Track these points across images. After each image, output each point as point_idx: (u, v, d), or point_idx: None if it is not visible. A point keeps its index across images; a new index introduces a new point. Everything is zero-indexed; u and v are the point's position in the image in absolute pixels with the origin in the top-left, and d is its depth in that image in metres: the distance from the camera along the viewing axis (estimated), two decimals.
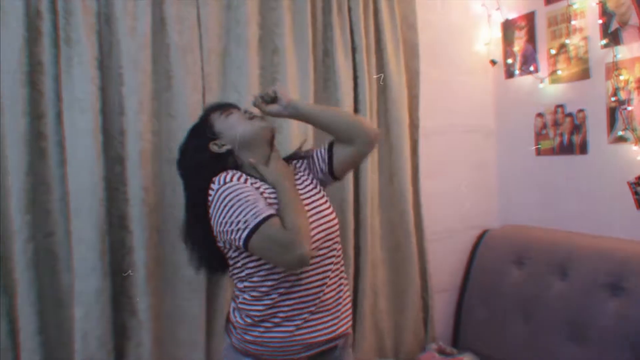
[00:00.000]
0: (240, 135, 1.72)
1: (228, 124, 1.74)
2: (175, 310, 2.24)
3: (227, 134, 1.73)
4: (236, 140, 1.72)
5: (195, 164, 1.73)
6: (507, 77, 2.92)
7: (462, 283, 2.85)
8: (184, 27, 2.23)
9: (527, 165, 2.83)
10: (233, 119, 1.75)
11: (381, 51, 2.60)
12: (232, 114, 1.77)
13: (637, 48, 2.26)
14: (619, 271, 2.13)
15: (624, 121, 2.31)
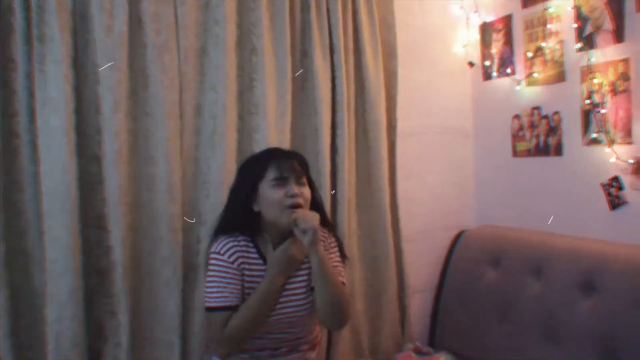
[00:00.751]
0: (272, 217, 1.86)
1: (268, 198, 1.85)
2: (152, 310, 2.22)
3: (263, 204, 1.86)
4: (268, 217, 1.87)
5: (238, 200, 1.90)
6: (484, 79, 2.95)
7: (439, 283, 2.86)
8: (161, 26, 2.21)
9: (504, 166, 2.85)
10: (275, 198, 1.84)
11: (359, 52, 2.60)
12: (280, 189, 1.84)
13: (611, 52, 2.29)
14: (593, 271, 2.15)
15: (598, 124, 2.34)
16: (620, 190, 2.27)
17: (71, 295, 2.03)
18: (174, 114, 2.24)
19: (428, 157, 2.92)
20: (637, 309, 1.96)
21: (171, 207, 2.22)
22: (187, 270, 2.28)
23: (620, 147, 2.26)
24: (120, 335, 2.13)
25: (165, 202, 2.21)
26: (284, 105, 2.41)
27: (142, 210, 2.21)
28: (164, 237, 2.21)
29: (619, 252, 2.13)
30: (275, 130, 2.38)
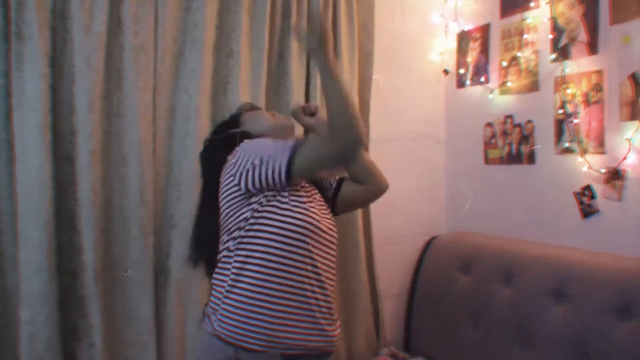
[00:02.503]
0: (260, 126, 1.73)
1: (253, 116, 1.77)
2: (125, 312, 2.21)
3: (250, 123, 1.75)
4: (258, 129, 1.71)
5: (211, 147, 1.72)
6: (458, 87, 2.98)
7: (411, 288, 2.88)
8: (141, 28, 2.20)
9: (476, 173, 2.89)
10: (259, 113, 1.80)
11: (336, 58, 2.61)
12: (259, 110, 1.85)
13: (585, 63, 2.34)
14: (563, 278, 2.18)
15: (571, 133, 2.39)
16: (592, 199, 2.32)
17: (45, 296, 2.01)
18: (147, 116, 2.23)
19: (401, 163, 2.93)
20: (607, 316, 1.99)
21: (143, 209, 2.20)
22: (158, 273, 2.26)
23: (593, 156, 2.30)
24: (93, 337, 2.11)
25: (137, 204, 2.20)
26: None
27: (113, 212, 2.20)
28: (135, 239, 2.20)
29: (589, 260, 2.17)
30: None
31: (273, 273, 1.52)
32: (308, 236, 1.56)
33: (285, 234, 1.53)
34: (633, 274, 2.00)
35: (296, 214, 1.55)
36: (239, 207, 1.57)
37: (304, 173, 1.57)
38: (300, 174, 1.55)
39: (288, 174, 1.51)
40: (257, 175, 1.53)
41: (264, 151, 1.54)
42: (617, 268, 2.06)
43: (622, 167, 2.19)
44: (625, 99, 2.18)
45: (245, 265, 1.53)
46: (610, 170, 2.23)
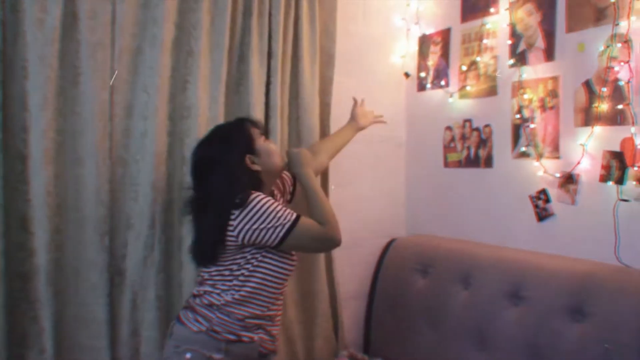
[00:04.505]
0: (275, 165, 2.07)
1: (269, 149, 2.06)
2: (79, 316, 2.15)
3: (265, 159, 2.02)
4: (270, 168, 2.04)
5: (231, 170, 1.94)
6: (419, 90, 3.00)
7: (370, 290, 2.89)
8: (97, 24, 2.14)
9: (435, 176, 2.91)
10: (273, 148, 2.09)
11: (297, 59, 2.60)
12: (271, 143, 2.13)
13: (541, 69, 2.38)
14: (519, 281, 2.22)
15: (527, 138, 2.43)
16: (547, 202, 2.36)
17: None
18: (104, 114, 2.17)
19: (361, 166, 2.94)
20: (560, 317, 2.03)
21: (98, 210, 2.15)
22: (114, 275, 2.21)
23: (548, 161, 2.34)
24: (44, 342, 2.04)
25: (92, 205, 2.14)
26: (217, 109, 2.37)
27: (68, 213, 2.14)
28: (91, 240, 2.15)
29: (544, 263, 2.21)
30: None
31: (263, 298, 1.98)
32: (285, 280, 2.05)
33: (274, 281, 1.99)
34: (585, 277, 2.05)
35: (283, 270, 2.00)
36: (232, 252, 1.93)
37: (291, 249, 1.99)
38: (289, 249, 1.98)
39: (280, 244, 1.91)
40: (255, 238, 1.89)
41: (267, 218, 1.88)
42: (570, 270, 2.11)
43: (576, 172, 2.24)
44: (580, 105, 2.23)
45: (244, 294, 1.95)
46: (565, 175, 2.28)
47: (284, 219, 1.90)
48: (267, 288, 1.97)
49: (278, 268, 1.98)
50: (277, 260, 1.97)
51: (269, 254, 1.95)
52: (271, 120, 2.51)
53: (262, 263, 1.95)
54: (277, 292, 2.01)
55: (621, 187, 2.08)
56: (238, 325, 1.93)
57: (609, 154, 2.12)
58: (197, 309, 1.96)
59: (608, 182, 2.12)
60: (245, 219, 1.87)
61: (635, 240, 2.06)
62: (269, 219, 1.88)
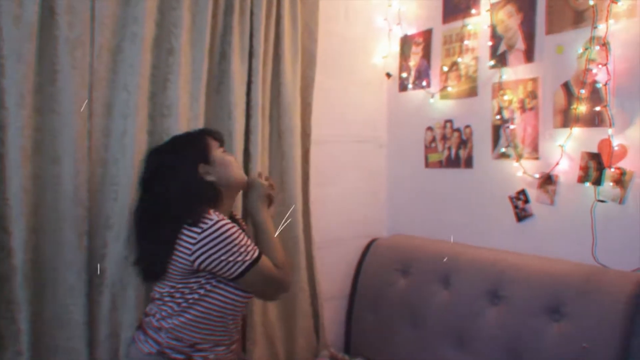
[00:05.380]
0: (233, 177, 2.00)
1: (225, 160, 1.99)
2: (56, 317, 2.11)
3: (220, 170, 1.95)
4: (227, 179, 1.96)
5: (183, 179, 1.89)
6: (400, 91, 3.02)
7: (351, 290, 2.89)
8: (76, 20, 2.10)
9: (416, 176, 2.93)
10: (230, 159, 2.02)
11: (278, 58, 2.59)
12: (230, 155, 2.06)
13: (521, 71, 2.41)
14: (498, 280, 2.24)
15: (507, 139, 2.45)
16: (526, 203, 2.38)
17: None
18: (83, 113, 2.13)
19: (342, 165, 2.94)
20: (539, 316, 2.05)
21: (77, 209, 2.11)
22: (92, 275, 2.18)
23: (528, 162, 2.37)
24: (21, 344, 1.99)
25: (70, 204, 2.10)
26: (197, 108, 2.36)
27: (45, 212, 2.09)
28: (69, 240, 2.11)
29: (522, 263, 2.23)
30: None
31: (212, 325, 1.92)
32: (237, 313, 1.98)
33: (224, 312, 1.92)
34: (563, 277, 2.07)
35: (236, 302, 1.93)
36: (184, 274, 1.85)
37: (248, 287, 1.91)
38: (245, 287, 1.90)
39: (237, 279, 1.85)
40: (212, 267, 1.82)
41: (229, 250, 1.81)
42: (549, 270, 2.13)
43: (555, 173, 2.27)
44: (558, 106, 2.25)
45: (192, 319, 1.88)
46: (543, 176, 2.30)
47: (245, 254, 1.84)
48: (217, 316, 1.90)
49: (231, 300, 1.91)
50: (231, 292, 1.90)
51: (223, 283, 1.89)
52: (252, 120, 2.50)
53: (215, 289, 1.88)
54: (229, 321, 1.95)
55: (598, 188, 2.11)
56: (188, 347, 1.90)
57: (587, 155, 2.15)
58: (148, 331, 1.93)
59: (586, 183, 2.15)
60: (206, 245, 1.80)
61: (611, 241, 2.09)
62: (231, 251, 1.81)
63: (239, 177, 2.03)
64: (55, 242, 2.10)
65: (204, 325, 1.89)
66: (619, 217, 2.06)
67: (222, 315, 1.91)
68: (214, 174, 1.94)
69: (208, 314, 1.89)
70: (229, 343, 1.99)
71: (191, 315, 1.87)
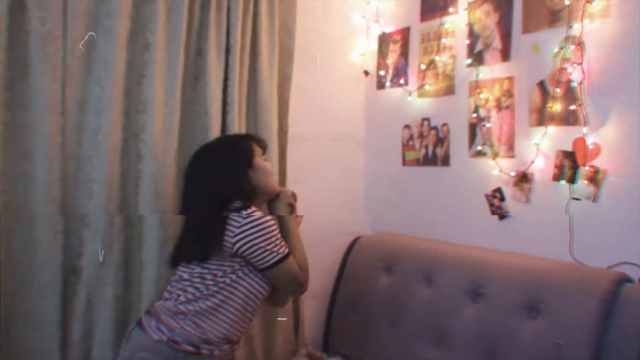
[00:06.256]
0: (270, 185, 2.16)
1: (267, 168, 2.14)
2: (29, 317, 2.08)
3: (260, 176, 2.10)
4: (264, 186, 2.12)
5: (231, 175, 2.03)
6: (378, 88, 3.01)
7: (334, 289, 2.88)
8: (47, 14, 2.06)
9: (394, 174, 2.93)
10: (270, 168, 2.17)
11: (255, 54, 2.56)
12: (269, 163, 2.19)
13: (498, 69, 2.42)
14: (479, 278, 2.25)
15: (483, 137, 2.46)
16: (502, 201, 2.40)
17: None
18: (55, 108, 2.10)
19: (320, 163, 2.93)
20: (517, 314, 2.07)
21: (50, 207, 2.08)
22: (67, 275, 2.14)
23: (503, 160, 2.38)
24: None
25: (43, 202, 2.07)
26: (173, 104, 2.33)
27: (17, 210, 2.06)
28: (42, 239, 2.08)
29: (502, 261, 2.24)
30: (163, 130, 2.30)
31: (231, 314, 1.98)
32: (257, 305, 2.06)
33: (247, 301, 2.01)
34: (540, 274, 2.09)
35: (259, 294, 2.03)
36: (223, 256, 1.95)
37: (269, 279, 2.02)
38: (268, 277, 2.01)
39: (267, 269, 1.97)
40: (248, 252, 1.93)
41: (267, 240, 1.95)
42: (526, 268, 2.15)
43: (530, 171, 2.28)
44: (534, 105, 2.27)
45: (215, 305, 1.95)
46: (519, 174, 2.32)
47: (279, 248, 1.98)
48: (239, 307, 1.98)
49: (255, 292, 2.01)
50: (258, 283, 2.01)
51: (254, 272, 1.99)
52: (228, 116, 2.47)
53: (246, 277, 1.98)
54: (246, 317, 2.02)
55: (573, 186, 2.13)
56: (199, 338, 1.92)
57: (561, 153, 2.17)
58: (162, 317, 1.94)
59: (561, 181, 2.17)
60: (247, 231, 1.93)
61: (586, 238, 2.11)
62: (267, 241, 1.95)
63: (274, 185, 2.20)
64: (27, 240, 2.07)
65: (225, 314, 1.95)
66: (593, 215, 2.09)
67: (243, 307, 1.99)
68: (254, 179, 2.08)
69: (232, 303, 1.96)
70: (236, 341, 2.04)
71: (217, 300, 1.94)
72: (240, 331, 2.02)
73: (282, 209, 2.19)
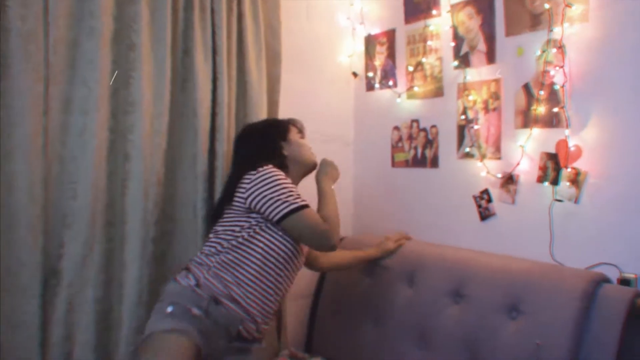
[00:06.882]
0: (304, 156, 2.27)
1: (300, 142, 2.29)
2: (8, 320, 2.06)
3: (294, 148, 2.25)
4: (298, 156, 2.25)
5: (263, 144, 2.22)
6: (367, 90, 3.02)
7: (317, 290, 2.89)
8: (29, 12, 2.05)
9: (383, 176, 2.93)
10: (304, 142, 2.31)
11: (242, 55, 2.56)
12: (305, 139, 2.34)
13: (484, 72, 2.42)
14: (461, 279, 2.25)
15: (471, 139, 2.47)
16: (489, 202, 2.40)
17: None
18: (38, 108, 2.09)
19: None
20: (498, 314, 2.06)
21: (31, 208, 2.06)
22: (48, 276, 2.13)
23: (491, 161, 2.38)
24: None
25: (24, 203, 2.05)
26: (162, 105, 2.33)
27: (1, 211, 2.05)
28: (23, 240, 2.06)
29: (484, 261, 2.24)
30: (151, 131, 2.30)
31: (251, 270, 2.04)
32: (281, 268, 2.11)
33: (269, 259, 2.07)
34: (521, 274, 2.08)
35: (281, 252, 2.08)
36: (239, 213, 2.07)
37: (289, 231, 2.05)
38: (287, 230, 2.05)
39: (281, 220, 2.01)
40: (260, 205, 2.01)
41: (277, 191, 2.01)
42: (509, 269, 2.14)
43: (516, 173, 2.29)
44: (519, 107, 2.27)
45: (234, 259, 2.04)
46: (505, 175, 2.32)
47: (292, 199, 2.02)
48: (258, 260, 2.04)
49: (275, 247, 2.06)
50: (277, 239, 2.06)
51: (273, 229, 2.06)
52: (218, 117, 2.47)
53: (262, 233, 2.05)
54: (269, 270, 2.06)
55: (556, 187, 2.14)
56: (221, 292, 1.99)
57: (545, 155, 2.18)
58: (192, 268, 2.05)
59: (544, 183, 2.18)
60: (258, 184, 2.02)
61: (567, 239, 2.12)
62: (278, 192, 2.01)
63: (308, 157, 2.28)
64: (8, 241, 2.05)
65: (244, 269, 2.02)
66: (575, 216, 2.09)
67: (263, 262, 2.04)
68: (288, 150, 2.23)
69: (251, 258, 2.03)
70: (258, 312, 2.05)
71: (236, 255, 2.03)
72: (261, 294, 2.05)
73: (324, 174, 2.26)
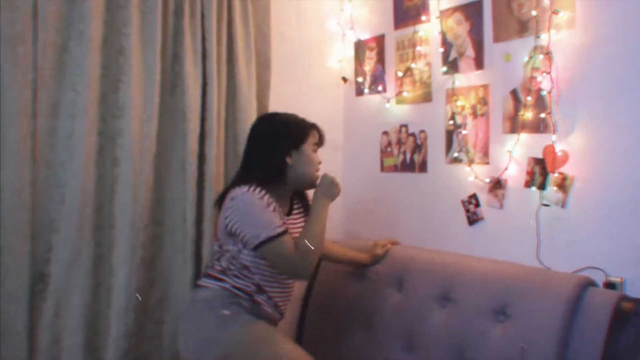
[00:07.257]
0: (305, 172, 2.17)
1: (311, 156, 2.19)
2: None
3: (300, 161, 2.15)
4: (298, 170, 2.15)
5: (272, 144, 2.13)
6: (357, 95, 3.03)
7: (306, 294, 2.89)
8: (17, 16, 2.06)
9: (372, 180, 2.94)
10: (315, 159, 2.21)
11: (232, 61, 2.58)
12: (316, 154, 2.23)
13: (473, 77, 2.43)
14: (449, 283, 2.26)
15: (459, 144, 2.48)
16: (477, 207, 2.42)
17: None
18: (26, 112, 2.09)
19: None
20: (485, 318, 2.07)
21: (19, 212, 2.07)
22: (36, 281, 2.13)
23: (479, 166, 2.40)
24: None
25: (11, 207, 2.06)
26: (151, 110, 2.34)
27: None
28: (10, 245, 2.06)
29: (472, 265, 2.25)
30: (140, 135, 2.30)
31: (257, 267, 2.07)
32: None
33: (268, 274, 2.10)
34: (509, 278, 2.10)
35: None
36: (226, 236, 2.07)
37: (268, 259, 2.03)
38: (262, 257, 2.03)
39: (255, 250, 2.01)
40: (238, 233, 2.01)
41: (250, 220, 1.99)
42: (496, 273, 2.16)
43: (504, 177, 2.30)
44: (507, 113, 2.29)
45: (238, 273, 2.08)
46: (493, 180, 2.34)
47: (266, 227, 1.98)
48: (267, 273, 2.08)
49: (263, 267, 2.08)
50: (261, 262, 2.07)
51: None
52: (207, 123, 2.48)
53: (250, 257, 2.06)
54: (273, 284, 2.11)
55: (543, 192, 2.15)
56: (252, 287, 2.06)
57: (532, 160, 2.19)
58: (213, 274, 2.09)
59: (532, 188, 2.19)
60: (234, 214, 2.00)
61: (554, 243, 2.13)
62: (254, 220, 1.99)
63: (309, 176, 2.19)
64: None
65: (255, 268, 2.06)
66: (561, 221, 2.11)
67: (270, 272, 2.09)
68: (293, 160, 2.13)
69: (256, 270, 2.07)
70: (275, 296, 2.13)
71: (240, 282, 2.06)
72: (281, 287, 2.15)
73: (321, 192, 2.19)
